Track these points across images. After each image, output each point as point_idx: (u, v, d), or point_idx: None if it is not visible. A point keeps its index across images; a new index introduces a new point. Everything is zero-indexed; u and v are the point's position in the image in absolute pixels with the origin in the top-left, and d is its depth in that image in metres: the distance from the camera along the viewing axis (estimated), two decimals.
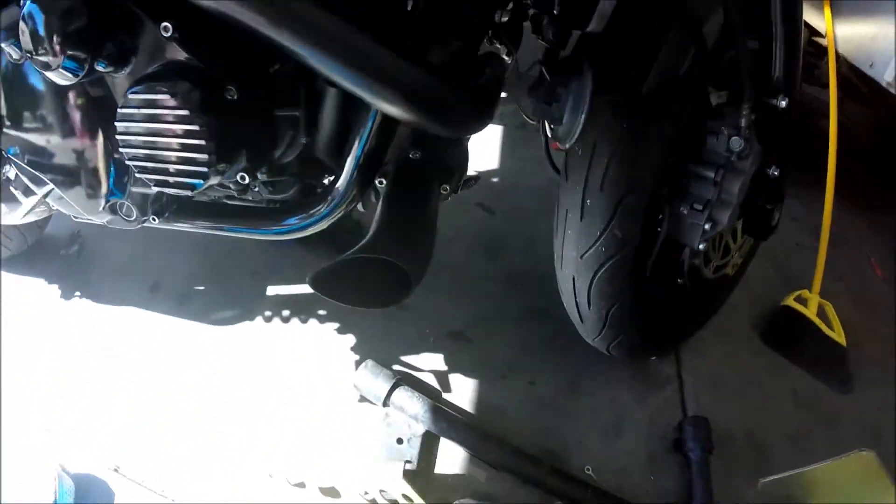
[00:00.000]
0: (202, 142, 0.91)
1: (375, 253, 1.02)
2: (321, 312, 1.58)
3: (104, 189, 1.10)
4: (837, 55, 1.83)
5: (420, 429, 1.36)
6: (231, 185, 1.08)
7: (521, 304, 1.64)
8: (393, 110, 0.86)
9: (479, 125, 0.93)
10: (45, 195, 1.18)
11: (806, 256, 1.75)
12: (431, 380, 1.47)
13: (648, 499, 1.36)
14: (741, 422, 1.49)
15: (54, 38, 0.88)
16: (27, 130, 1.09)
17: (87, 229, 1.81)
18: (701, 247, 1.24)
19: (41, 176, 1.13)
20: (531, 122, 1.08)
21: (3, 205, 1.39)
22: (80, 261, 1.80)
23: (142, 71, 0.96)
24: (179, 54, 0.93)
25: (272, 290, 1.65)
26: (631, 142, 1.10)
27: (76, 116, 1.06)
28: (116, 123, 0.95)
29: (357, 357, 1.49)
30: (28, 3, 0.88)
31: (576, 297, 1.29)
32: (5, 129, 1.11)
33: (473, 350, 1.53)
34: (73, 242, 1.83)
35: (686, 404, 1.51)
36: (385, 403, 1.38)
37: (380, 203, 1.11)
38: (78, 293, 1.70)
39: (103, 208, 1.13)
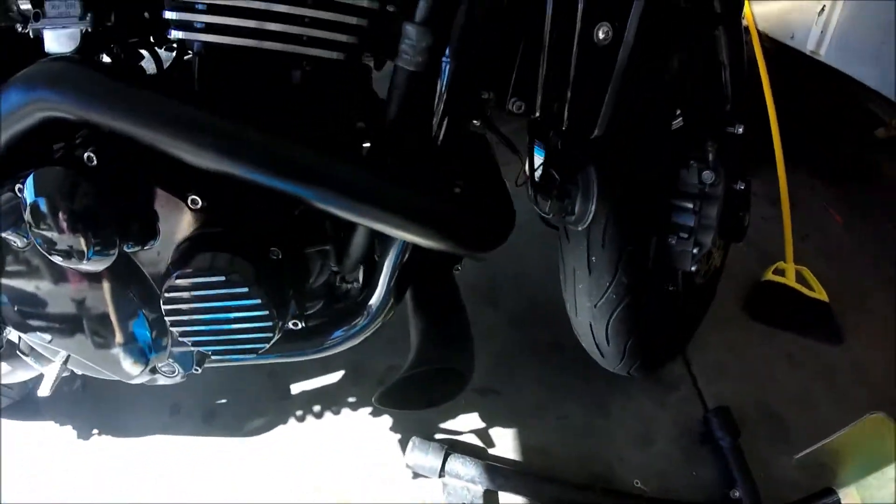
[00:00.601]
0: (264, 312, 0.92)
1: (428, 364, 1.09)
2: (351, 400, 1.63)
3: (143, 355, 1.08)
4: (759, 33, 1.95)
5: (479, 490, 1.44)
6: None
7: (533, 341, 1.72)
8: (430, 244, 0.90)
9: (504, 238, 0.99)
10: (66, 360, 1.14)
11: (773, 227, 1.89)
12: (473, 439, 1.55)
13: (696, 494, 1.48)
14: (752, 398, 1.63)
15: (77, 229, 0.86)
16: (37, 307, 1.06)
17: None
18: (693, 269, 1.35)
19: (61, 350, 1.11)
20: (546, 216, 1.16)
21: (12, 366, 1.37)
22: (87, 396, 1.75)
23: (172, 243, 0.96)
24: (205, 227, 0.93)
25: (296, 389, 1.68)
26: (624, 203, 1.19)
27: (99, 289, 1.02)
28: (164, 306, 0.94)
29: (399, 436, 1.55)
30: (31, 194, 0.85)
31: (594, 339, 1.39)
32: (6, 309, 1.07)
33: (503, 400, 1.61)
34: (74, 378, 1.77)
35: (703, 396, 1.64)
36: (441, 475, 1.45)
37: (411, 311, 1.17)
38: (95, 430, 1.67)
39: (143, 373, 1.12)
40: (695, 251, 1.33)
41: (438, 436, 1.54)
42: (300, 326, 1.03)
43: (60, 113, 0.81)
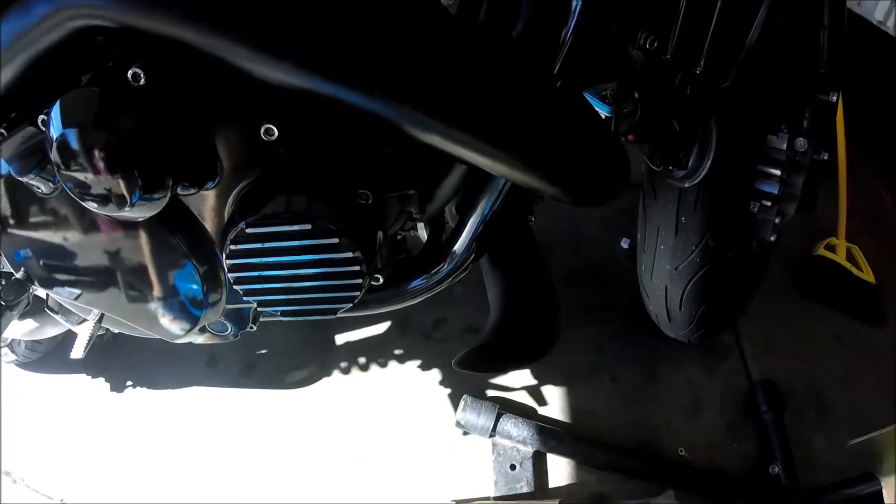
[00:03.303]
0: (354, 267, 0.80)
1: (508, 328, 1.03)
2: (397, 352, 1.59)
3: (191, 313, 0.96)
4: None
5: (528, 451, 1.43)
6: None
7: (585, 302, 1.69)
8: (544, 188, 0.78)
9: (613, 197, 0.92)
10: (100, 319, 1.04)
11: (825, 200, 1.85)
12: (523, 398, 1.53)
13: (736, 466, 1.48)
14: (797, 375, 1.63)
15: (119, 168, 0.69)
16: (67, 261, 0.92)
17: None
18: (772, 238, 1.31)
19: (94, 309, 1.00)
20: (656, 168, 1.10)
21: (39, 322, 1.30)
22: (119, 347, 1.68)
23: (234, 185, 0.82)
24: (280, 162, 0.79)
25: (340, 340, 1.64)
26: (725, 164, 1.14)
27: (140, 239, 0.88)
28: (227, 261, 0.82)
29: (448, 391, 1.53)
30: (58, 125, 0.67)
31: (667, 303, 1.35)
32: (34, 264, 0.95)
33: (554, 359, 1.58)
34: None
35: (749, 369, 1.63)
36: (491, 435, 1.43)
37: (488, 267, 1.11)
38: (130, 383, 1.62)
39: (190, 332, 1.01)
40: (777, 220, 1.29)
41: (489, 393, 1.51)
42: (381, 281, 0.92)
43: (97, 20, 0.62)
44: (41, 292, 1.17)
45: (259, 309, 0.91)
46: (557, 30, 0.75)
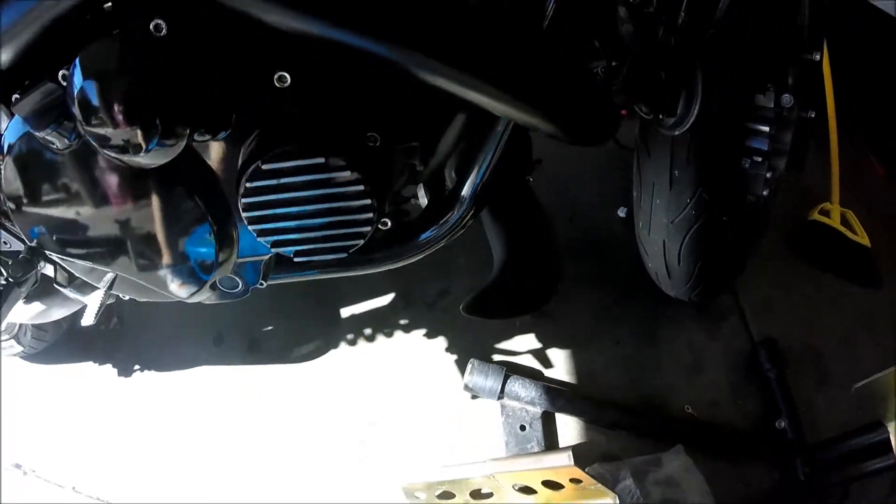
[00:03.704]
0: (366, 201, 0.84)
1: (511, 273, 1.06)
2: (402, 322, 1.61)
3: (203, 269, 0.96)
4: None
5: (538, 412, 1.44)
6: None
7: (584, 270, 1.70)
8: (543, 126, 0.83)
9: (607, 138, 0.96)
10: (111, 285, 1.01)
11: (818, 167, 1.89)
12: (529, 361, 1.54)
13: (741, 422, 1.50)
14: (797, 336, 1.65)
15: (139, 115, 0.72)
16: (79, 219, 0.92)
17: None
18: (765, 193, 1.35)
19: (106, 271, 0.99)
20: (646, 116, 1.14)
21: (46, 304, 1.30)
22: (125, 333, 1.70)
23: (249, 132, 0.86)
24: (293, 107, 0.83)
25: (345, 313, 1.65)
26: (714, 116, 1.17)
27: (150, 190, 0.88)
28: (243, 200, 0.85)
29: (455, 357, 1.54)
30: (79, 78, 0.70)
31: (665, 258, 1.38)
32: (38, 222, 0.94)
33: (557, 323, 1.61)
34: (110, 316, 1.71)
35: (750, 329, 1.65)
36: (500, 396, 1.44)
37: (490, 220, 1.14)
38: (137, 367, 1.63)
39: (202, 289, 1.01)
40: (768, 175, 1.32)
41: (495, 358, 1.53)
42: (388, 226, 0.97)
43: None
44: (49, 270, 1.18)
45: (273, 250, 0.92)
46: None
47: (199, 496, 1.41)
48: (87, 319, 1.10)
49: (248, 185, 0.83)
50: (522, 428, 1.42)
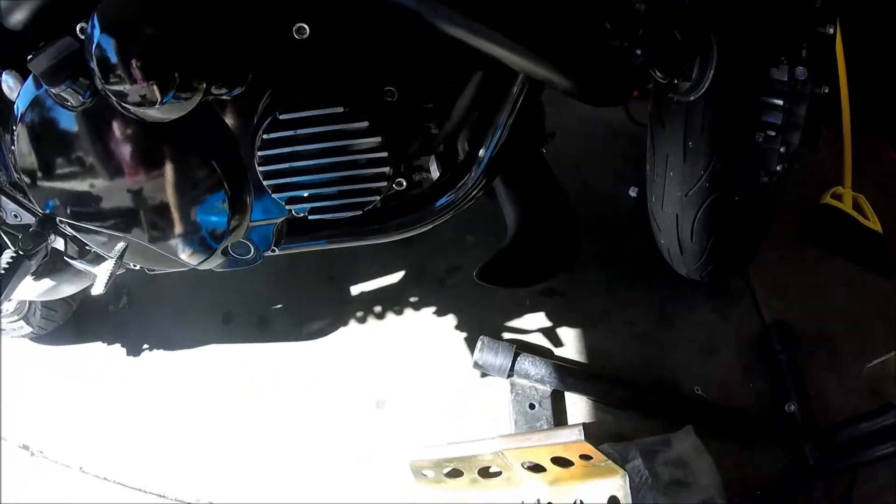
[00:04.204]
0: (382, 154, 0.83)
1: (525, 239, 1.05)
2: (412, 300, 1.60)
3: (216, 234, 0.95)
4: None
5: (547, 390, 1.43)
6: None
7: (595, 250, 1.69)
8: (559, 81, 0.83)
9: (621, 99, 0.95)
10: (122, 255, 1.01)
11: (830, 150, 1.87)
12: (539, 340, 1.53)
13: (752, 405, 1.49)
14: (809, 320, 1.63)
15: (156, 66, 0.71)
16: (92, 182, 0.91)
17: (129, 276, 1.51)
18: (778, 168, 1.33)
19: (118, 235, 0.98)
20: (661, 80, 1.12)
21: (55, 279, 1.29)
22: (134, 312, 1.69)
23: (265, 88, 0.85)
24: (312, 59, 0.82)
25: (355, 291, 1.64)
26: (728, 85, 1.16)
27: (165, 152, 0.87)
28: (259, 153, 0.85)
29: (464, 335, 1.53)
30: (97, 30, 0.70)
31: (678, 233, 1.37)
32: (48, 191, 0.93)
33: (568, 302, 1.60)
34: (118, 296, 1.70)
35: (762, 312, 1.64)
36: (509, 375, 1.43)
37: (504, 190, 1.13)
38: (146, 346, 1.62)
39: (214, 255, 1.00)
40: (781, 150, 1.31)
41: (505, 335, 1.52)
42: (403, 186, 0.96)
43: None
44: (59, 244, 1.17)
45: (287, 207, 0.91)
46: None
47: (207, 476, 1.40)
48: (98, 288, 1.09)
49: (265, 136, 0.82)
50: (532, 406, 1.41)
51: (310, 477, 1.38)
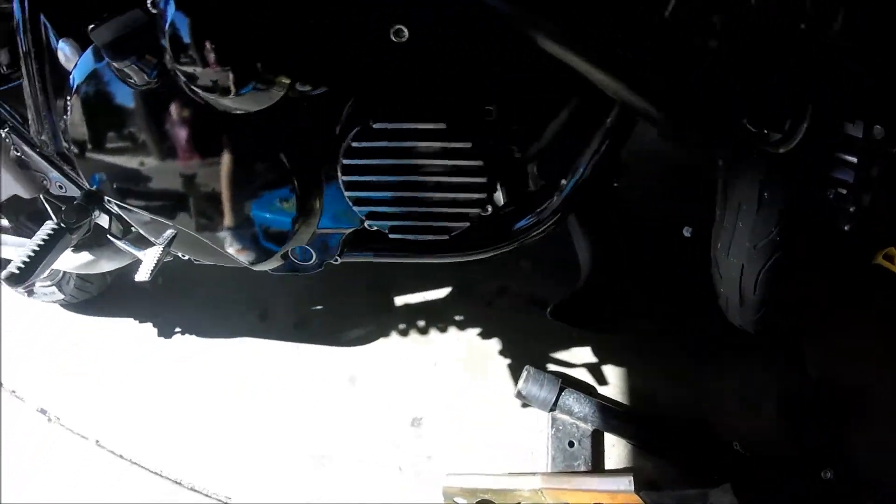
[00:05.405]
0: (482, 179, 0.78)
1: (605, 277, 1.01)
2: (458, 318, 1.55)
3: (279, 235, 0.91)
4: None
5: (588, 429, 1.39)
6: None
7: (645, 289, 1.65)
8: (653, 113, 0.79)
9: (711, 141, 0.91)
10: (170, 242, 0.96)
11: (885, 207, 1.83)
12: (583, 374, 1.49)
13: (789, 465, 1.45)
14: (854, 378, 1.60)
15: (238, 54, 0.67)
16: (149, 164, 0.86)
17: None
18: (846, 228, 1.30)
19: (169, 223, 0.94)
20: (750, 128, 1.08)
21: (95, 255, 1.25)
22: (167, 293, 1.65)
23: (353, 89, 0.80)
24: (409, 65, 0.76)
25: (399, 301, 1.59)
26: (811, 138, 1.12)
27: (233, 142, 0.82)
28: (344, 161, 0.79)
29: (508, 360, 1.49)
30: (171, 7, 0.65)
31: (741, 284, 1.33)
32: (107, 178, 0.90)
33: (614, 339, 1.56)
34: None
35: (808, 368, 1.60)
36: (552, 409, 1.40)
37: (576, 224, 1.09)
38: (178, 329, 1.58)
39: (274, 257, 0.96)
40: (851, 210, 1.27)
41: (550, 366, 1.48)
42: (489, 211, 0.89)
43: None
44: (103, 220, 1.12)
45: (367, 222, 0.86)
46: None
47: (226, 466, 1.37)
48: (142, 275, 1.03)
49: (353, 144, 0.77)
50: (571, 444, 1.38)
51: (340, 491, 1.35)
